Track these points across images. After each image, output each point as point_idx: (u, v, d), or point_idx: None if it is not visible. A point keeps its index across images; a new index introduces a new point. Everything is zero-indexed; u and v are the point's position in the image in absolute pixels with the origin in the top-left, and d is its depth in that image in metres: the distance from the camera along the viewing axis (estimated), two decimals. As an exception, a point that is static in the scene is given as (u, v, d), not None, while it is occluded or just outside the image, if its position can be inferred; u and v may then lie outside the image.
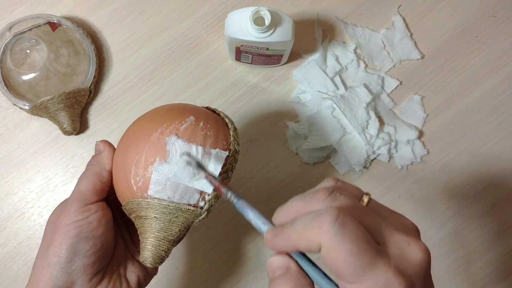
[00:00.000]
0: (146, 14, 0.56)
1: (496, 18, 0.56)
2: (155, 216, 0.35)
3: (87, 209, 0.35)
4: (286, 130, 0.55)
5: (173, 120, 0.36)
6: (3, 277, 0.52)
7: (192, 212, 0.35)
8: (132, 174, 0.35)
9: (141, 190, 0.35)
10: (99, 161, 0.38)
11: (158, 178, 0.34)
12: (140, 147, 0.35)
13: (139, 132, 0.36)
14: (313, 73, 0.55)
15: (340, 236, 0.24)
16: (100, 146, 0.39)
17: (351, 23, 0.56)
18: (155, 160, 0.34)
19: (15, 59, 0.52)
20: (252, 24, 0.45)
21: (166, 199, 0.35)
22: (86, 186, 0.36)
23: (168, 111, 0.37)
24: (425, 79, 0.56)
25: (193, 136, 0.35)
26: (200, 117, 0.36)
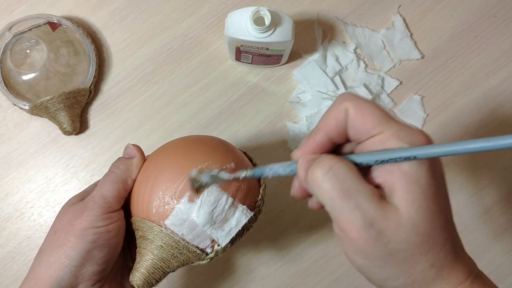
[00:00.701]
0: (146, 14, 0.56)
1: (496, 18, 0.56)
2: (161, 245, 0.34)
3: (109, 217, 0.34)
4: (286, 130, 0.55)
5: (215, 161, 0.35)
6: (3, 277, 0.52)
7: (197, 254, 0.35)
8: (156, 197, 0.34)
9: (159, 216, 0.34)
10: (128, 167, 0.36)
11: (180, 213, 0.34)
12: (175, 176, 0.34)
13: (178, 160, 0.36)
14: (313, 73, 0.55)
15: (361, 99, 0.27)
16: (132, 150, 0.37)
17: (351, 23, 0.56)
18: (184, 195, 0.34)
19: (15, 59, 0.52)
20: (252, 24, 0.45)
21: (179, 235, 0.34)
22: (111, 192, 0.35)
23: (212, 148, 0.36)
24: (425, 79, 0.56)
25: (228, 185, 0.34)
26: (240, 167, 0.36)
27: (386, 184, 0.26)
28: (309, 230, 0.54)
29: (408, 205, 0.25)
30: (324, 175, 0.26)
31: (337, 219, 0.26)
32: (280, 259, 0.53)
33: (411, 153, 0.25)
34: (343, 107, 0.27)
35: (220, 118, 0.55)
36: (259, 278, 0.53)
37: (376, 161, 0.26)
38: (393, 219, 0.25)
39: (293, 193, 0.31)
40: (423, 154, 0.25)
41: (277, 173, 0.30)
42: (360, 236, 0.25)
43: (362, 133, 0.27)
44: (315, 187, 0.27)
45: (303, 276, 0.53)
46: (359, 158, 0.27)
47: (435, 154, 0.25)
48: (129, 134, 0.55)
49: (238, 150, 0.39)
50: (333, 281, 0.53)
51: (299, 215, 0.54)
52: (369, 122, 0.27)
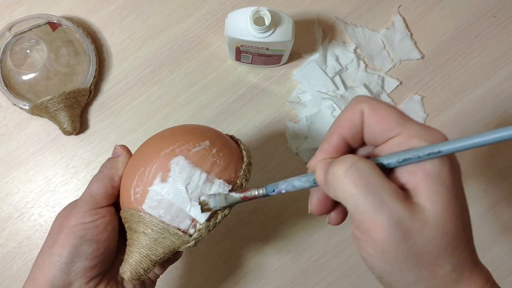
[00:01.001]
0: (146, 14, 0.56)
1: (496, 18, 0.56)
2: (143, 231, 0.34)
3: (96, 213, 0.35)
4: (286, 130, 0.55)
5: (188, 141, 0.35)
6: (3, 277, 0.52)
7: (179, 237, 0.34)
8: (133, 184, 0.35)
9: (137, 202, 0.35)
10: (113, 165, 0.37)
11: (154, 194, 0.34)
12: (148, 160, 0.35)
13: (153, 145, 0.36)
14: (313, 73, 0.55)
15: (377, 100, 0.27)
16: (118, 150, 0.38)
17: (351, 23, 0.56)
18: (157, 176, 0.34)
19: (15, 59, 0.52)
20: (252, 24, 0.45)
21: (156, 217, 0.34)
22: (98, 189, 0.36)
23: (188, 131, 0.37)
24: (425, 79, 0.56)
25: (201, 161, 0.34)
26: (216, 144, 0.36)
27: (409, 185, 0.25)
28: (309, 230, 0.54)
29: (435, 204, 0.24)
30: (347, 171, 0.25)
31: (359, 219, 0.25)
32: (280, 259, 0.53)
33: (436, 148, 0.24)
34: (358, 108, 0.27)
35: (220, 118, 0.55)
36: (259, 278, 0.53)
37: (399, 160, 0.25)
38: (420, 219, 0.24)
39: (311, 210, 0.30)
40: (447, 149, 0.24)
41: (292, 186, 0.29)
42: (385, 237, 0.24)
43: (379, 135, 0.27)
44: (336, 185, 0.25)
45: (303, 276, 0.53)
46: (381, 159, 0.26)
47: (461, 148, 0.24)
48: (129, 134, 0.55)
49: (220, 132, 0.39)
50: (333, 281, 0.53)
51: (299, 215, 0.54)
52: (386, 123, 0.26)
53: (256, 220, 0.54)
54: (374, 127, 0.26)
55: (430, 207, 0.24)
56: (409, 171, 0.25)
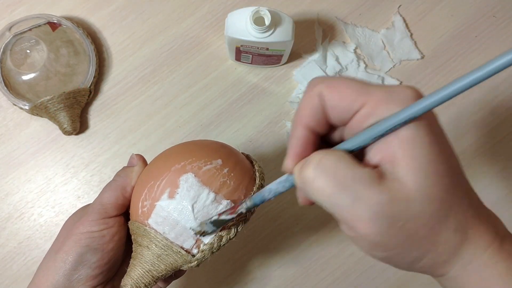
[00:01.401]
0: (146, 14, 0.56)
1: (496, 18, 0.56)
2: (147, 246, 0.34)
3: (104, 222, 0.35)
4: (286, 130, 0.54)
5: (200, 158, 0.35)
6: (3, 277, 0.52)
7: (182, 256, 0.34)
8: (142, 197, 0.35)
9: (144, 216, 0.34)
10: (127, 175, 0.37)
11: (160, 210, 0.34)
12: (158, 174, 0.35)
13: (165, 160, 0.36)
14: (313, 73, 0.55)
15: (332, 77, 0.25)
16: (133, 159, 0.38)
17: (351, 23, 0.56)
18: (165, 191, 0.34)
19: (15, 59, 0.52)
20: (252, 24, 0.45)
21: (161, 233, 0.34)
22: (109, 199, 0.36)
23: (201, 148, 0.36)
24: (425, 79, 0.56)
25: (211, 180, 0.34)
26: (229, 163, 0.35)
27: (386, 159, 0.23)
28: (309, 230, 0.54)
29: (415, 172, 0.23)
30: (314, 171, 0.24)
31: (341, 218, 0.24)
32: (280, 259, 0.53)
33: (409, 113, 0.22)
34: (315, 91, 0.25)
35: (220, 118, 0.55)
36: (260, 278, 0.53)
37: (372, 138, 0.23)
38: (402, 196, 0.23)
39: (300, 203, 0.29)
40: (421, 108, 0.22)
41: (278, 192, 0.29)
42: (371, 229, 0.23)
43: (345, 112, 0.25)
44: (309, 189, 0.24)
45: (303, 276, 0.53)
46: (352, 142, 0.24)
47: (435, 103, 0.22)
48: (129, 134, 0.55)
49: (235, 150, 0.38)
50: (333, 281, 0.53)
51: (299, 215, 0.54)
52: (348, 97, 0.24)
53: (256, 221, 0.54)
54: (336, 105, 0.25)
55: (411, 176, 0.23)
56: (384, 144, 0.23)
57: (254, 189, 0.36)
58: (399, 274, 0.53)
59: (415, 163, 0.23)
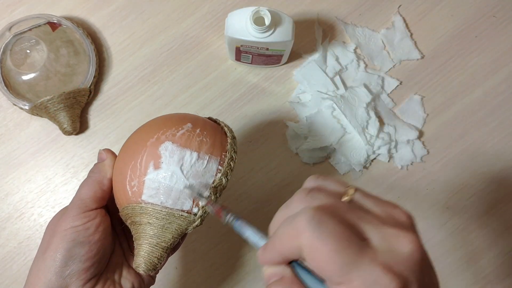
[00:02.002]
0: (146, 14, 0.56)
1: (496, 18, 0.56)
2: (148, 222, 0.35)
3: (86, 216, 0.35)
4: (286, 130, 0.54)
5: (170, 127, 0.36)
6: (3, 277, 0.52)
7: (185, 218, 0.35)
8: (127, 179, 0.35)
9: (135, 195, 0.35)
10: (100, 169, 0.38)
11: (151, 182, 0.34)
12: (136, 153, 0.36)
13: (137, 139, 0.37)
14: (313, 73, 0.55)
15: (318, 234, 0.23)
16: (102, 154, 0.39)
17: (351, 23, 0.56)
18: (149, 165, 0.35)
19: (15, 59, 0.52)
20: (252, 24, 0.45)
21: (159, 204, 0.35)
22: (87, 193, 0.37)
23: (167, 119, 0.38)
24: (425, 79, 0.56)
25: (189, 142, 0.35)
26: (198, 125, 0.37)
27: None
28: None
29: None
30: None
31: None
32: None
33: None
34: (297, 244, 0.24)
35: (220, 118, 0.54)
36: (259, 278, 0.53)
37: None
38: None
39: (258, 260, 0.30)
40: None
41: (252, 243, 0.31)
42: None
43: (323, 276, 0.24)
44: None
45: (303, 276, 0.53)
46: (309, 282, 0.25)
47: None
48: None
49: (197, 115, 0.40)
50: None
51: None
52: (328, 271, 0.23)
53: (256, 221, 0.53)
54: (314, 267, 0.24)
55: None
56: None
57: (229, 140, 0.38)
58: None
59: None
